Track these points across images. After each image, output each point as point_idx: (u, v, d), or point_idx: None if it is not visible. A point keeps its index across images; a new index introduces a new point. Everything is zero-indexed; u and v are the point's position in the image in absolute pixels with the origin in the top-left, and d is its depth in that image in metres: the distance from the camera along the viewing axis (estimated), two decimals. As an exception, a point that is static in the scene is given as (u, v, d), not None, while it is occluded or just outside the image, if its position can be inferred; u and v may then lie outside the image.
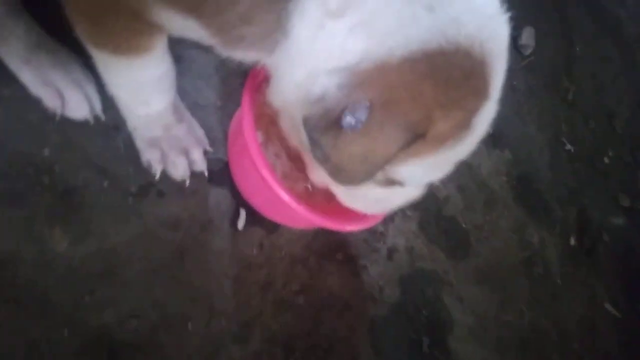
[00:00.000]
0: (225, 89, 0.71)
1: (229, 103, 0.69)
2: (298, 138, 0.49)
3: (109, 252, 0.54)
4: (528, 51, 1.28)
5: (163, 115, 0.57)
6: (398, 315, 0.75)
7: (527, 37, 1.27)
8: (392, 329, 0.73)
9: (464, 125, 0.42)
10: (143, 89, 0.53)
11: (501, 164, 0.99)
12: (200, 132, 0.62)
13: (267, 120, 0.63)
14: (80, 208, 0.53)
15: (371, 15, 0.38)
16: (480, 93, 0.41)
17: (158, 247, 0.57)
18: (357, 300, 0.72)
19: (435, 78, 0.39)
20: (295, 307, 0.65)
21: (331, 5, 0.37)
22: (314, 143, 0.41)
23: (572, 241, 1.09)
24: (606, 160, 1.36)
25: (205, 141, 0.63)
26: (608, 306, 1.00)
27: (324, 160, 0.41)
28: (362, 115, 0.38)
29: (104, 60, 0.49)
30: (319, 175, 0.53)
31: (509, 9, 0.43)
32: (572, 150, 1.28)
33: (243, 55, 0.44)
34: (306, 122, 0.41)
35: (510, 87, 1.20)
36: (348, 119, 0.39)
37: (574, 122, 1.33)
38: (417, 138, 0.41)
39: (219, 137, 0.67)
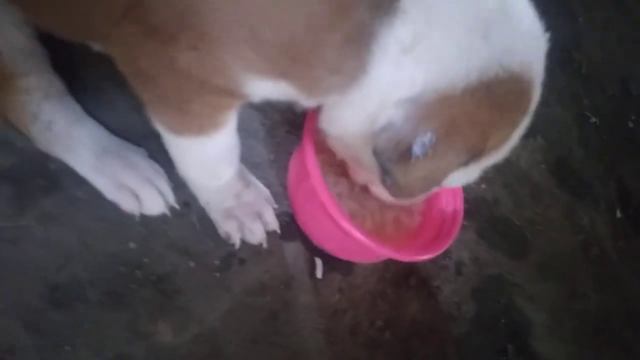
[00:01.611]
0: (273, 141, 0.72)
1: (281, 154, 0.71)
2: (356, 162, 0.55)
3: (209, 332, 0.56)
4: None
5: (232, 184, 0.59)
6: (479, 329, 0.77)
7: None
8: (476, 343, 0.75)
9: (509, 137, 0.47)
10: (215, 164, 0.55)
11: (537, 152, 1.01)
12: (266, 192, 0.64)
13: (324, 162, 0.64)
14: (176, 295, 0.54)
15: (434, 49, 0.41)
16: (526, 109, 0.46)
17: (250, 316, 0.59)
18: (438, 322, 0.74)
19: (492, 104, 0.42)
20: (385, 343, 0.67)
21: (406, 42, 0.40)
22: (386, 172, 0.45)
23: (618, 214, 1.11)
24: (630, 124, 1.37)
25: (272, 200, 0.64)
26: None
27: (392, 184, 0.44)
28: (428, 144, 0.42)
29: (180, 145, 0.50)
30: (380, 192, 0.61)
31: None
32: (598, 122, 1.30)
33: (321, 101, 0.46)
34: (379, 153, 0.44)
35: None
36: (416, 149, 0.42)
37: (593, 94, 1.35)
38: (475, 157, 0.45)
39: (279, 191, 0.68)
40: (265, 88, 0.44)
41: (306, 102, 0.45)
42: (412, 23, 0.40)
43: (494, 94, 0.42)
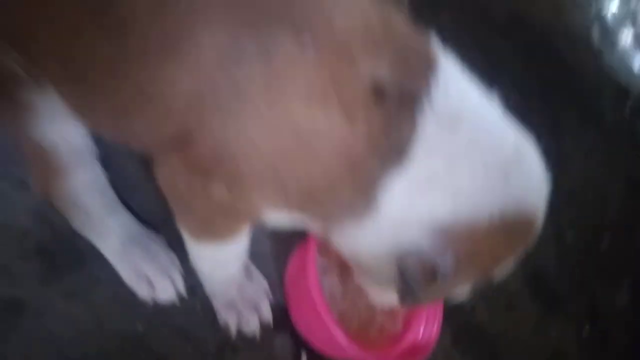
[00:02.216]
0: (277, 234, 0.80)
1: (283, 247, 0.78)
2: (366, 279, 0.62)
3: None
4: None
5: (237, 277, 0.66)
6: None
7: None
8: None
9: (511, 262, 0.54)
10: (227, 262, 0.62)
11: (516, 264, 1.09)
12: (265, 285, 0.71)
13: (324, 263, 0.72)
14: None
15: (458, 188, 0.49)
16: (529, 242, 0.53)
17: None
18: None
19: (507, 236, 0.51)
20: None
21: (422, 181, 0.48)
22: (408, 290, 0.52)
23: (586, 332, 1.18)
24: (604, 245, 1.47)
25: (269, 292, 0.71)
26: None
27: (412, 300, 0.52)
28: (451, 267, 0.49)
29: (199, 247, 0.57)
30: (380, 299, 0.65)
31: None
32: (575, 240, 1.40)
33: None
34: (404, 273, 0.51)
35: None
36: (443, 272, 0.50)
37: (572, 213, 1.46)
38: (490, 276, 0.53)
39: (276, 282, 0.75)
40: (283, 217, 0.52)
41: (319, 229, 0.54)
42: (426, 169, 0.48)
43: (510, 229, 0.50)
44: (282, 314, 0.75)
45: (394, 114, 0.47)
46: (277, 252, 0.80)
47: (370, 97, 0.47)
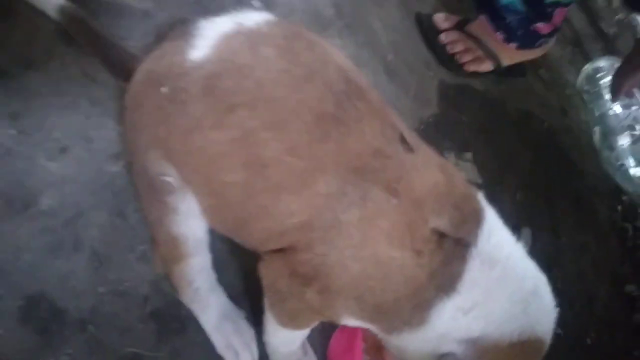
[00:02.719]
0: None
1: (327, 325, 0.99)
2: None
3: None
4: (526, 250, 1.64)
5: (297, 351, 0.87)
6: None
7: (525, 236, 1.65)
8: None
9: None
10: (295, 341, 0.84)
11: None
12: (316, 359, 0.91)
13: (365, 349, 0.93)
14: None
15: (490, 312, 0.72)
16: (542, 354, 0.74)
17: None
18: None
19: (523, 352, 0.71)
20: None
21: (465, 306, 0.71)
22: None
23: None
24: (589, 341, 1.70)
25: (319, 366, 0.93)
26: None
27: None
28: None
29: (278, 329, 0.79)
30: None
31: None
32: (562, 334, 1.61)
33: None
34: None
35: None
36: None
37: (563, 309, 1.68)
38: None
39: (321, 357, 0.96)
40: (354, 322, 0.74)
41: (379, 332, 0.76)
42: (469, 298, 0.71)
43: (525, 347, 0.72)
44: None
45: (450, 253, 0.70)
46: (322, 328, 1.01)
47: (434, 240, 0.69)
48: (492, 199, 0.79)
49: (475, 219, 0.74)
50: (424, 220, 0.71)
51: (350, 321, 0.79)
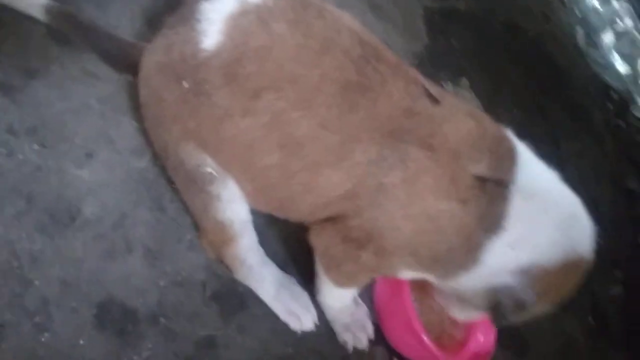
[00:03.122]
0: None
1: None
2: (450, 302, 0.94)
3: None
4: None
5: (350, 304, 0.96)
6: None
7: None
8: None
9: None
10: (349, 297, 0.92)
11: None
12: (366, 309, 1.01)
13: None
14: None
15: (535, 242, 0.79)
16: (581, 277, 0.82)
17: None
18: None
19: (569, 272, 0.81)
20: None
21: (513, 240, 0.78)
22: (501, 317, 0.82)
23: (590, 320, 1.55)
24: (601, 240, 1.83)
25: (369, 314, 1.01)
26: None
27: (504, 322, 0.82)
28: (534, 299, 0.79)
29: (334, 289, 0.87)
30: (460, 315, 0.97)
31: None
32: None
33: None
34: (499, 305, 0.81)
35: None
36: (529, 303, 0.79)
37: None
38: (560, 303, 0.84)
39: (367, 305, 1.05)
40: (409, 274, 0.82)
41: (433, 278, 0.84)
42: (516, 233, 0.77)
43: (570, 268, 0.80)
44: (376, 329, 1.05)
45: (493, 195, 0.77)
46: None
47: (477, 186, 0.76)
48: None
49: (510, 158, 0.80)
50: (464, 169, 0.77)
51: (406, 274, 0.87)
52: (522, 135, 1.67)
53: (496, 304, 0.82)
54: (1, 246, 0.77)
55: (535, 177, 0.81)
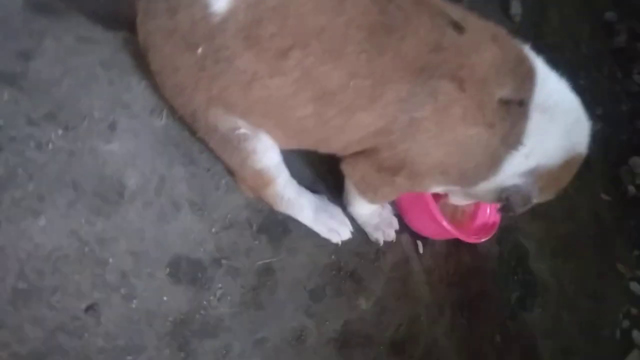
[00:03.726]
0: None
1: None
2: (459, 198, 1.03)
3: (380, 298, 1.07)
4: (517, 19, 1.74)
5: (376, 208, 1.07)
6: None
7: (515, 6, 1.73)
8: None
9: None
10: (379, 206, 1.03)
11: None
12: (389, 207, 1.12)
13: None
14: (361, 280, 1.06)
15: (545, 148, 0.87)
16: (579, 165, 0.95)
17: (397, 274, 1.10)
18: (479, 260, 1.30)
19: (568, 168, 0.91)
20: (456, 280, 1.22)
21: (528, 152, 0.86)
22: (510, 209, 0.94)
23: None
24: (582, 80, 1.91)
25: (393, 211, 1.13)
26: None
27: (512, 213, 0.94)
28: (537, 193, 0.91)
29: (365, 202, 0.98)
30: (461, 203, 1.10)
31: None
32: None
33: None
34: (509, 202, 0.93)
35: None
36: (534, 198, 0.92)
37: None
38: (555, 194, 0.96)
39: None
40: (440, 188, 0.91)
41: (454, 189, 0.93)
42: (531, 145, 0.85)
43: (569, 164, 0.90)
44: (399, 221, 1.18)
45: (516, 115, 0.82)
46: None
47: (502, 109, 0.81)
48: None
49: (530, 77, 0.83)
50: (490, 95, 0.81)
51: (436, 189, 0.96)
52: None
53: (505, 200, 0.91)
54: (69, 236, 0.83)
55: (551, 92, 0.84)
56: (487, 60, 0.81)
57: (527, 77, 0.83)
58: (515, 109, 0.83)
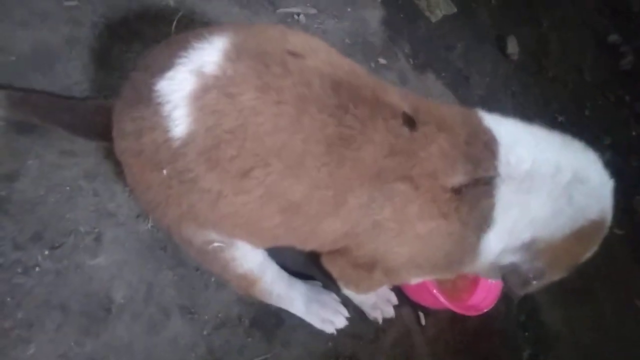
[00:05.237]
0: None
1: None
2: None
3: None
4: (515, 57, 1.69)
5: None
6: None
7: (512, 45, 1.68)
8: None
9: (594, 250, 0.87)
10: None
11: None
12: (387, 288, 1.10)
13: None
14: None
15: (533, 218, 0.81)
16: (601, 239, 0.85)
17: (398, 351, 1.07)
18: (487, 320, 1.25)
19: (581, 242, 0.83)
20: (466, 346, 1.18)
21: (508, 227, 0.81)
22: (510, 290, 0.89)
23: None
24: (588, 110, 1.85)
25: (390, 286, 1.10)
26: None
27: (517, 295, 0.89)
28: (541, 272, 0.85)
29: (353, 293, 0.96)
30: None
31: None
32: (564, 121, 1.77)
33: None
34: (507, 281, 0.88)
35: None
36: (535, 279, 0.86)
37: (557, 91, 1.80)
38: (574, 268, 0.88)
39: None
40: (423, 278, 0.88)
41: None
42: (508, 219, 0.80)
43: (582, 234, 0.81)
44: (397, 293, 1.14)
45: (474, 197, 0.80)
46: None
47: (454, 198, 0.79)
48: (470, 17, 0.78)
49: (489, 151, 0.79)
50: (442, 187, 0.78)
51: (417, 280, 0.93)
52: (505, 26, 1.60)
53: (503, 278, 0.87)
54: (58, 362, 0.83)
55: (521, 158, 0.79)
56: (434, 154, 0.78)
57: (484, 154, 0.79)
58: (471, 191, 0.79)
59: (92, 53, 1.01)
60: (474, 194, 0.79)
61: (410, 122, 0.79)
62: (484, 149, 0.80)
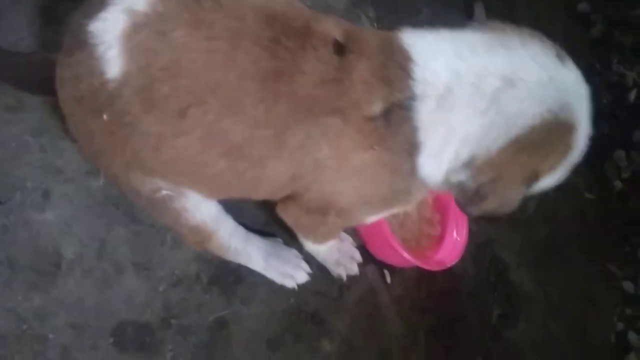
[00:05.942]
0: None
1: None
2: None
3: (342, 333, 1.03)
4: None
5: (335, 243, 1.04)
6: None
7: (479, 11, 1.68)
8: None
9: (563, 160, 0.76)
10: (331, 242, 0.99)
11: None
12: (350, 239, 1.08)
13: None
14: (320, 319, 1.02)
15: (464, 136, 0.74)
16: (567, 139, 0.74)
17: (360, 309, 1.06)
18: (453, 280, 1.25)
19: (527, 148, 0.73)
20: (429, 305, 1.18)
21: (439, 146, 0.75)
22: (463, 208, 0.83)
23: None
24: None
25: (354, 242, 1.09)
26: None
27: (474, 212, 0.81)
28: (489, 186, 0.76)
29: (312, 244, 0.95)
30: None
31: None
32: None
33: None
34: (458, 201, 0.82)
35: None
36: (482, 193, 0.77)
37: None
38: (534, 180, 0.77)
39: (351, 233, 1.12)
40: (379, 215, 0.87)
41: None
42: (436, 138, 0.74)
43: (525, 145, 0.72)
44: (362, 251, 1.13)
45: (394, 124, 0.75)
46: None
47: (374, 127, 0.75)
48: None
49: (402, 70, 0.74)
50: (365, 116, 0.74)
51: (373, 218, 0.92)
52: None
53: (455, 198, 0.80)
54: (5, 316, 0.81)
55: (437, 72, 0.73)
56: (356, 82, 0.74)
57: (398, 75, 0.74)
58: (394, 116, 0.74)
59: (39, 9, 0.98)
60: (395, 120, 0.74)
61: (340, 50, 0.76)
62: (398, 68, 0.74)
